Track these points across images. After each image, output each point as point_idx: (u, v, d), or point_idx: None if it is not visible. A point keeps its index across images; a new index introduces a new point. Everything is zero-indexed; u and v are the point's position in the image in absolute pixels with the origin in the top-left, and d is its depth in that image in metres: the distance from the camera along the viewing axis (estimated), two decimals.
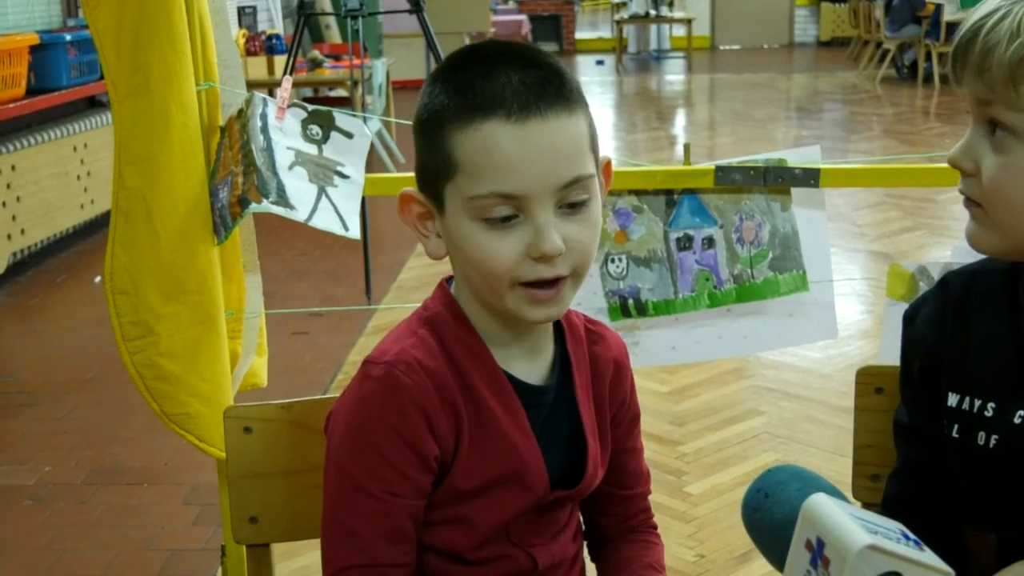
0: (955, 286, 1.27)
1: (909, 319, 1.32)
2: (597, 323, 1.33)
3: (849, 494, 1.47)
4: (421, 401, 1.15)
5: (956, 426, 1.23)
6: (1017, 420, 1.17)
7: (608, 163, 1.22)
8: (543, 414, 1.23)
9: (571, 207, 1.13)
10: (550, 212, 1.12)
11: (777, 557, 1.01)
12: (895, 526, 0.97)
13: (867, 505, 1.43)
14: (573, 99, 1.14)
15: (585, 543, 1.39)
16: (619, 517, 1.37)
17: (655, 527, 1.40)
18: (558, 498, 1.24)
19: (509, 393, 1.20)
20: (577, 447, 1.26)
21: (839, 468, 3.07)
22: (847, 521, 0.93)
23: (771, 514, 1.04)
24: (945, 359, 1.25)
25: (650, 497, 1.40)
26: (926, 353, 1.27)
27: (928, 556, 0.94)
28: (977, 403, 1.21)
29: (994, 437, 1.19)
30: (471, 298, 1.21)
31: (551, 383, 1.25)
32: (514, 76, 1.12)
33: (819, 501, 0.95)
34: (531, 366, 1.24)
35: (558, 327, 1.27)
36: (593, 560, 1.40)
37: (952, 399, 1.23)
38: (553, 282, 1.14)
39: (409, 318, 1.24)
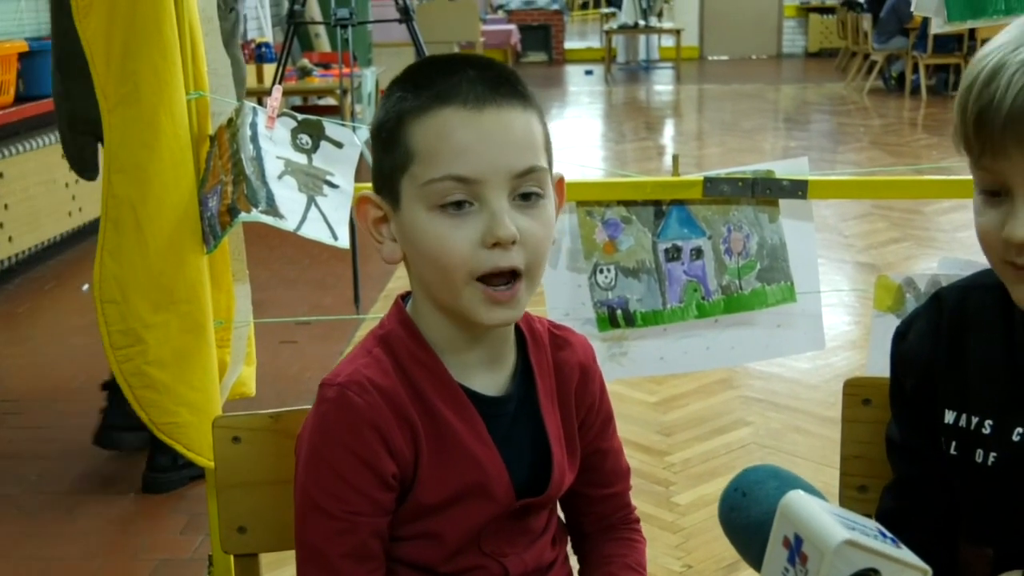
0: (948, 302, 1.26)
1: (901, 335, 1.31)
2: (563, 328, 1.33)
3: (836, 505, 1.48)
4: (375, 420, 1.16)
5: (954, 443, 1.22)
6: (1016, 437, 1.17)
7: (561, 179, 1.24)
8: (505, 424, 1.24)
9: (525, 200, 1.15)
10: (504, 200, 1.13)
11: (754, 555, 1.01)
12: (872, 524, 0.98)
13: None
14: (528, 98, 1.17)
15: (569, 538, 1.39)
16: (599, 515, 1.38)
17: (637, 521, 1.40)
18: (525, 506, 1.25)
19: (466, 406, 1.21)
20: (542, 454, 1.26)
21: (826, 479, 3.07)
22: (825, 517, 0.93)
23: (748, 512, 1.04)
24: (940, 376, 1.24)
25: (631, 492, 1.41)
26: (920, 370, 1.26)
27: (905, 553, 0.95)
28: (975, 420, 1.21)
29: (992, 455, 1.19)
30: (428, 308, 1.22)
31: (511, 392, 1.25)
32: (472, 72, 1.15)
33: (797, 498, 0.96)
34: (491, 376, 1.24)
35: (520, 336, 1.28)
36: (576, 554, 1.40)
37: (949, 416, 1.23)
38: (509, 280, 1.14)
39: (366, 337, 1.25)
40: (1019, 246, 1.08)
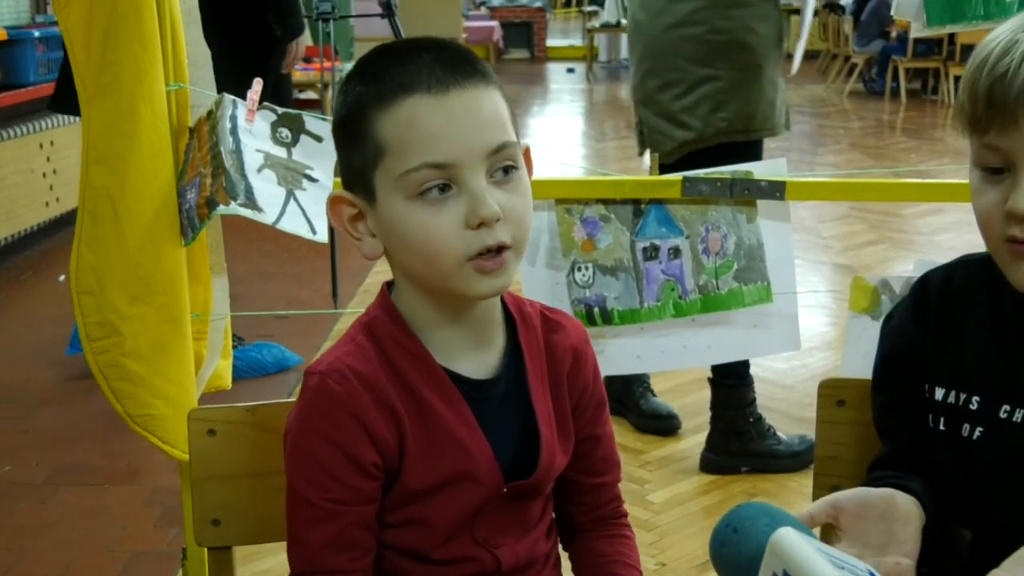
0: (935, 282, 1.30)
1: (888, 318, 1.35)
2: (556, 311, 1.33)
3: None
4: (354, 408, 1.16)
5: (943, 419, 1.25)
6: (1003, 415, 1.20)
7: (527, 150, 1.23)
8: (492, 407, 1.23)
9: (502, 175, 1.15)
10: (482, 179, 1.13)
11: None
12: (862, 564, 0.98)
13: None
14: (488, 75, 1.17)
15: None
16: (590, 506, 1.37)
17: (625, 515, 1.40)
18: (514, 489, 1.24)
19: (450, 389, 1.21)
20: (531, 437, 1.26)
21: (800, 479, 3.09)
22: (815, 556, 0.93)
23: (739, 549, 1.05)
24: (929, 354, 1.27)
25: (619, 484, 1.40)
26: (906, 349, 1.30)
27: None
28: (963, 396, 1.24)
29: (979, 430, 1.22)
30: (411, 293, 1.22)
31: (499, 375, 1.25)
32: (428, 56, 1.15)
33: (787, 535, 0.96)
34: (478, 359, 1.24)
35: (509, 317, 1.28)
36: (565, 549, 1.40)
37: (939, 393, 1.26)
38: (497, 251, 1.14)
39: (352, 325, 1.25)
40: (1021, 217, 1.12)
